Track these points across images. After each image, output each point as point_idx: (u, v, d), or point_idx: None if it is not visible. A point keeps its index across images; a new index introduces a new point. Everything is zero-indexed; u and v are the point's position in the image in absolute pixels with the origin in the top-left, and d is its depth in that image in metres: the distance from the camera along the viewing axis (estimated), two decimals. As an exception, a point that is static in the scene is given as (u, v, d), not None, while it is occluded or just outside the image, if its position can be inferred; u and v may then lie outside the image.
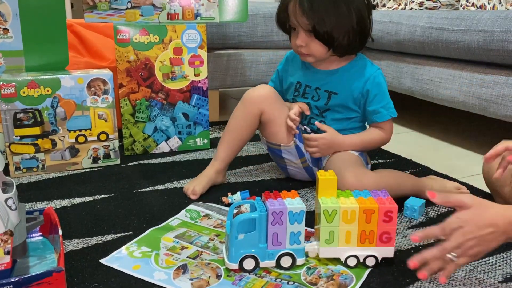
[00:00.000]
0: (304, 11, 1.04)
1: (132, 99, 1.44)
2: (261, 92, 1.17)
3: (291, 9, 1.07)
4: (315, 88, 1.17)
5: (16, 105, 1.24)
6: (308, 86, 1.18)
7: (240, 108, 1.18)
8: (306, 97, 1.19)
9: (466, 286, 0.80)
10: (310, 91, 1.18)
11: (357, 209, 0.81)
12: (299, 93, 1.20)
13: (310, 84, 1.18)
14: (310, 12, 1.03)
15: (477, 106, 1.52)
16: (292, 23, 1.09)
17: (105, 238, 0.94)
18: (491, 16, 1.44)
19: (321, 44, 1.08)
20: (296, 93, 1.20)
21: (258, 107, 1.16)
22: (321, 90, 1.17)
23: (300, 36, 1.08)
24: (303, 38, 1.08)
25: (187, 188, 1.15)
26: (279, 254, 0.82)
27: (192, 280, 0.79)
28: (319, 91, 1.17)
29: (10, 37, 1.33)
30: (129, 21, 1.41)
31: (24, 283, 0.69)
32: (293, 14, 1.07)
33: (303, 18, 1.05)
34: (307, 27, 1.06)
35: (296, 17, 1.06)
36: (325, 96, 1.17)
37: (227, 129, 1.20)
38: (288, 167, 1.22)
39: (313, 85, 1.18)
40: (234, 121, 1.19)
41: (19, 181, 1.25)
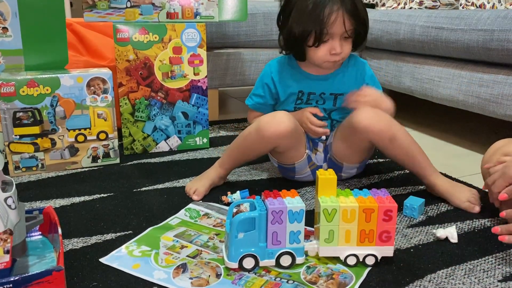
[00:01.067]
0: (351, 18, 1.05)
1: (131, 98, 1.44)
2: (280, 128, 1.09)
3: (332, 19, 1.04)
4: (319, 94, 1.17)
5: (15, 104, 1.24)
6: (312, 93, 1.18)
7: (254, 137, 1.12)
8: (310, 103, 1.19)
9: (466, 285, 0.80)
10: (314, 97, 1.18)
11: (356, 208, 0.81)
12: (303, 101, 1.19)
13: (313, 91, 1.17)
14: (356, 17, 1.06)
15: (476, 105, 1.52)
16: (332, 34, 1.06)
17: (104, 237, 0.94)
18: (490, 15, 1.44)
19: (350, 45, 1.10)
20: (299, 101, 1.19)
21: (275, 142, 1.12)
22: (326, 94, 1.17)
23: (339, 43, 1.08)
24: (341, 45, 1.08)
25: (190, 188, 1.15)
26: (278, 253, 0.82)
27: (191, 279, 0.79)
28: (324, 96, 1.18)
29: (10, 36, 1.33)
30: (129, 20, 1.41)
31: (24, 282, 0.69)
32: (340, 24, 1.05)
33: (350, 24, 1.06)
34: (349, 33, 1.07)
35: (345, 25, 1.05)
36: (330, 98, 1.18)
37: (237, 145, 1.16)
38: (296, 176, 1.23)
39: (317, 91, 1.17)
40: (245, 143, 1.15)
41: (19, 180, 1.25)
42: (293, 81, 1.19)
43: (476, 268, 0.85)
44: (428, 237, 0.96)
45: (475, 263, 0.86)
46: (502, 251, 0.90)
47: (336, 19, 1.04)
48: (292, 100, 1.20)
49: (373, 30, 1.96)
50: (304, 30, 1.06)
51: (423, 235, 0.96)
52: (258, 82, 1.24)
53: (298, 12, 1.07)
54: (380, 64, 1.96)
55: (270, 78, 1.20)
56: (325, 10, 1.04)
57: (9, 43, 1.33)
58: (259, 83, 1.23)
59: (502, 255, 0.89)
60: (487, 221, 1.03)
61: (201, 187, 1.13)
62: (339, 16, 1.04)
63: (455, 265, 0.85)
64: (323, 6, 1.04)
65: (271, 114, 1.13)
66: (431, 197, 1.13)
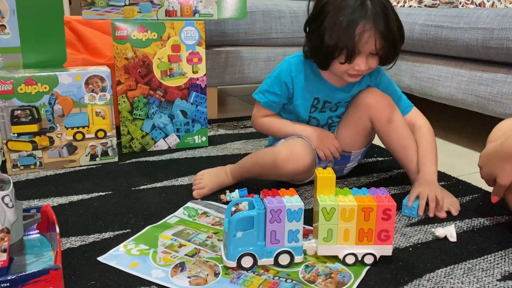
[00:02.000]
0: (382, 38, 1.01)
1: (130, 96, 1.44)
2: (299, 164, 1.07)
3: (365, 38, 1.00)
4: (336, 103, 1.17)
5: (13, 102, 1.23)
6: (328, 101, 1.17)
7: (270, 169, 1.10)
8: (323, 111, 1.18)
9: (465, 284, 0.80)
10: (329, 105, 1.18)
11: (355, 207, 0.81)
12: (317, 109, 1.18)
13: (330, 100, 1.16)
14: (387, 37, 1.02)
15: (475, 104, 1.52)
16: (362, 51, 1.03)
17: (102, 235, 0.94)
18: (490, 14, 1.43)
19: (377, 61, 1.07)
20: (313, 109, 1.18)
21: (291, 177, 1.14)
22: (341, 103, 1.18)
23: (365, 61, 1.04)
24: (367, 62, 1.05)
25: (200, 181, 1.14)
26: (277, 252, 0.82)
27: (190, 278, 0.79)
28: (339, 104, 1.18)
29: (7, 34, 1.33)
30: (127, 18, 1.40)
31: (21, 281, 0.68)
32: (367, 42, 1.01)
33: (380, 43, 1.02)
34: (382, 51, 1.04)
35: (375, 44, 1.01)
36: (344, 105, 1.19)
37: (252, 169, 1.14)
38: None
39: (333, 100, 1.17)
40: (260, 170, 1.12)
41: (16, 178, 1.24)
42: (312, 87, 1.15)
43: (475, 267, 0.85)
44: (427, 236, 0.96)
45: (474, 262, 0.86)
46: (501, 250, 0.90)
47: (368, 39, 1.01)
48: (306, 106, 1.17)
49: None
50: (335, 45, 1.02)
51: (422, 234, 0.96)
52: (274, 79, 1.17)
53: (331, 26, 1.02)
54: (379, 63, 1.96)
55: (290, 77, 1.14)
56: (358, 29, 1.00)
57: (7, 41, 1.33)
58: (275, 80, 1.16)
59: (501, 254, 0.89)
60: (486, 220, 1.03)
61: (209, 190, 1.13)
62: (371, 36, 1.01)
63: (454, 264, 0.85)
64: (356, 24, 1.00)
65: (289, 146, 1.09)
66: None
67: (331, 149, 1.16)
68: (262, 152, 1.16)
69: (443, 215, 1.03)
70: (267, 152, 1.13)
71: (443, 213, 1.04)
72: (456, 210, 1.06)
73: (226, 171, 1.18)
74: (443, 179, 1.26)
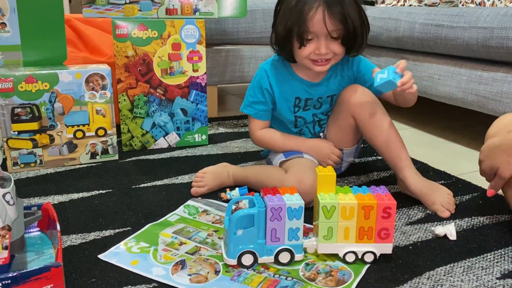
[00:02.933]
0: (335, 16, 0.99)
1: (130, 94, 1.44)
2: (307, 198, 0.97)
3: (318, 19, 0.99)
4: (317, 99, 1.16)
5: (13, 100, 1.23)
6: (309, 98, 1.15)
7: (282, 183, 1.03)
8: (307, 109, 1.17)
9: (464, 282, 0.80)
10: (311, 102, 1.16)
11: (355, 205, 0.81)
12: (300, 108, 1.16)
13: (310, 97, 1.15)
14: (341, 16, 0.99)
15: (475, 103, 1.52)
16: (313, 33, 1.01)
17: (103, 233, 0.94)
18: (490, 13, 1.43)
19: (341, 46, 1.04)
20: (297, 108, 1.16)
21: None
22: (323, 97, 1.16)
23: (324, 43, 1.02)
24: (327, 45, 1.02)
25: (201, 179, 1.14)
26: (277, 250, 0.82)
27: (190, 275, 0.79)
28: (321, 99, 1.16)
29: (8, 32, 1.33)
30: (128, 16, 1.40)
31: (22, 278, 0.68)
32: (320, 23, 0.99)
33: (334, 23, 1.00)
34: (334, 33, 1.01)
35: (326, 25, 0.99)
36: (327, 100, 1.17)
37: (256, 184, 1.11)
38: None
39: (314, 96, 1.15)
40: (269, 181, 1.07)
41: (17, 176, 1.24)
42: (289, 87, 1.14)
43: (475, 265, 0.85)
44: (427, 234, 0.96)
45: (473, 261, 0.86)
46: (500, 249, 0.90)
47: (314, 16, 0.99)
48: (289, 107, 1.16)
49: (373, 27, 1.96)
50: (286, 28, 1.02)
51: (422, 232, 0.97)
52: (254, 88, 1.16)
53: (283, 9, 1.04)
54: (379, 62, 1.96)
55: (268, 82, 1.14)
56: (307, 9, 0.99)
57: (7, 39, 1.33)
58: (256, 89, 1.16)
59: (501, 253, 0.89)
60: (485, 218, 1.03)
61: (208, 190, 1.13)
62: (319, 14, 0.99)
63: (454, 263, 0.85)
64: (305, 4, 1.00)
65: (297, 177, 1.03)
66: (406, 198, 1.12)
67: (332, 159, 1.16)
68: (269, 172, 1.13)
69: (447, 215, 1.04)
70: (274, 176, 1.09)
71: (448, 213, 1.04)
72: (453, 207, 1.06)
73: (229, 172, 1.17)
74: (443, 178, 1.26)
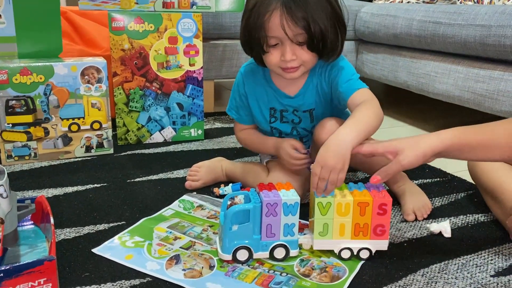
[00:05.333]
0: (295, 20, 0.88)
1: (126, 88, 1.43)
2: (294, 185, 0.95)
3: (275, 22, 0.89)
4: (292, 111, 1.05)
5: (8, 92, 1.22)
6: (284, 110, 1.06)
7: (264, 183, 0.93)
8: (285, 121, 1.07)
9: (459, 279, 0.80)
10: (287, 115, 1.06)
11: (351, 202, 0.81)
12: (277, 119, 1.07)
13: (285, 108, 1.05)
14: (302, 19, 0.88)
15: (472, 101, 1.52)
16: (276, 38, 0.92)
17: (97, 227, 0.94)
18: (488, 10, 1.43)
19: (309, 52, 0.93)
20: (273, 119, 1.08)
21: None
22: (299, 111, 1.05)
23: (289, 49, 0.92)
24: (293, 51, 0.92)
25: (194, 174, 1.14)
26: (272, 246, 0.82)
27: (184, 270, 0.79)
28: (297, 113, 1.06)
29: (3, 23, 1.31)
30: (124, 9, 1.39)
31: (15, 272, 0.68)
32: (278, 27, 0.89)
33: (295, 27, 0.89)
34: (299, 38, 0.91)
35: (285, 29, 0.89)
36: (306, 116, 1.05)
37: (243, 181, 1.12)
38: None
39: (289, 109, 1.05)
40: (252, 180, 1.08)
41: (11, 169, 1.23)
42: (264, 95, 1.06)
43: (469, 263, 0.85)
44: (421, 231, 0.96)
45: (468, 258, 0.86)
46: (495, 246, 0.91)
47: (270, 19, 0.89)
48: (264, 116, 1.08)
49: (370, 24, 1.95)
50: (247, 31, 0.95)
51: (417, 230, 0.97)
52: (235, 92, 1.11)
53: (244, 10, 0.97)
54: (376, 58, 1.96)
55: (243, 87, 1.09)
56: (261, 9, 0.90)
57: (2, 30, 1.31)
58: (236, 94, 1.11)
59: (495, 251, 0.89)
60: (480, 216, 1.03)
61: (202, 184, 1.13)
62: (275, 17, 0.89)
63: (448, 260, 0.86)
64: (261, 3, 0.90)
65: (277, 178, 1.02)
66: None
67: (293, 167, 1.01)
68: (254, 171, 1.11)
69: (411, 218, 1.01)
70: (258, 176, 1.08)
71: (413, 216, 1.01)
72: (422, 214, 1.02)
73: (222, 167, 1.17)
74: (439, 176, 1.27)
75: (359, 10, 2.07)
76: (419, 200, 1.04)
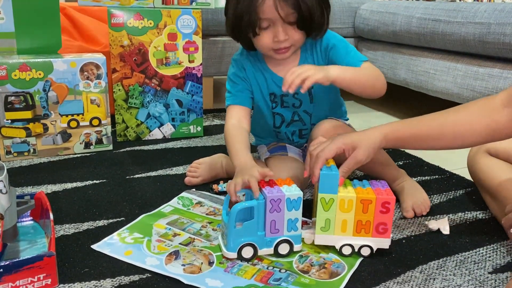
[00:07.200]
0: (286, 0, 0.91)
1: (125, 84, 1.43)
2: None
3: (268, 4, 0.92)
4: (293, 95, 1.05)
5: (7, 88, 1.22)
6: (285, 95, 1.07)
7: None
8: (286, 106, 1.08)
9: (457, 276, 0.80)
10: (288, 99, 1.07)
11: (354, 198, 0.81)
12: (277, 104, 1.09)
13: (286, 93, 0.99)
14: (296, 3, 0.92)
15: (471, 99, 1.52)
16: (268, 20, 0.95)
17: (96, 223, 0.94)
18: (487, 8, 1.43)
19: (299, 31, 0.97)
20: (274, 104, 1.09)
21: None
22: (299, 93, 1.05)
23: (282, 29, 0.95)
24: (285, 31, 0.96)
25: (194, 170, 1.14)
26: (277, 241, 0.82)
27: (184, 266, 0.79)
28: (297, 95, 1.07)
29: (2, 19, 1.31)
30: (123, 5, 1.39)
31: (14, 267, 0.68)
32: (272, 8, 0.92)
33: (287, 8, 0.92)
34: (290, 18, 0.94)
35: (278, 10, 0.92)
36: (305, 97, 1.07)
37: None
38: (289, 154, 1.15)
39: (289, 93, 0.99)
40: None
41: (10, 165, 1.23)
42: (263, 81, 1.07)
43: (467, 259, 0.85)
44: (420, 228, 0.96)
45: (466, 255, 0.87)
46: (493, 244, 0.91)
47: (264, 1, 0.92)
48: (265, 100, 1.09)
49: (370, 21, 1.95)
50: (236, 15, 0.96)
51: (415, 227, 0.97)
52: (234, 78, 1.09)
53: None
54: (375, 56, 1.96)
55: (243, 71, 1.08)
56: None
57: (1, 26, 1.31)
58: (234, 78, 1.09)
59: (493, 248, 0.90)
60: (479, 213, 1.04)
61: (202, 181, 1.13)
62: (276, 1, 0.92)
63: (446, 257, 0.86)
64: None
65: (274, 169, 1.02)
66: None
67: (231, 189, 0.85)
68: None
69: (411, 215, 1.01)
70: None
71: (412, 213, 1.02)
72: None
73: (222, 163, 1.17)
74: (437, 173, 1.27)
75: (358, 8, 2.07)
76: (418, 197, 1.04)
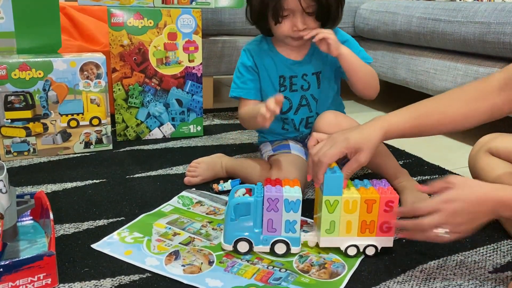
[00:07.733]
0: None
1: (125, 84, 1.43)
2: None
3: None
4: (302, 76, 1.12)
5: (7, 88, 1.22)
6: (294, 76, 1.12)
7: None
8: (294, 89, 1.12)
9: (457, 275, 0.80)
10: (297, 80, 1.12)
11: (358, 199, 0.81)
12: (286, 87, 1.12)
13: (295, 74, 1.12)
14: None
15: (471, 98, 1.52)
16: (289, 10, 1.01)
17: (96, 223, 0.94)
18: (487, 8, 1.43)
19: (316, 21, 1.04)
20: (283, 88, 1.12)
21: None
22: (308, 75, 1.12)
23: (301, 19, 1.02)
24: (303, 21, 1.02)
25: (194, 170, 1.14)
26: (273, 241, 0.82)
27: (184, 266, 0.79)
28: (306, 77, 1.12)
29: (1, 18, 1.31)
30: (123, 4, 1.39)
31: (14, 267, 0.68)
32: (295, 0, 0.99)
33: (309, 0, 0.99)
34: (309, 9, 1.01)
35: (301, 1, 0.99)
36: (313, 80, 1.12)
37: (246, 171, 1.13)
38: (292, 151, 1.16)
39: (298, 73, 1.12)
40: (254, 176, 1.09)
41: (10, 164, 1.23)
42: (272, 65, 1.12)
43: (467, 259, 0.85)
44: (420, 228, 0.96)
45: (466, 255, 0.87)
46: (493, 243, 0.91)
47: None
48: (274, 86, 1.12)
49: (370, 20, 1.95)
50: (262, 5, 1.03)
51: (416, 226, 0.97)
52: (241, 69, 1.14)
53: None
54: (375, 55, 1.96)
55: (251, 60, 1.13)
56: None
57: (1, 25, 1.31)
58: (242, 69, 1.14)
59: (493, 247, 0.90)
60: (479, 213, 1.04)
61: (201, 181, 1.13)
62: None
63: (447, 256, 0.86)
64: None
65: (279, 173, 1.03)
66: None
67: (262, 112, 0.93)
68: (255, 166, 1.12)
69: None
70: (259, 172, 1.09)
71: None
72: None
73: (222, 163, 1.17)
74: (437, 173, 1.27)
75: (358, 7, 2.06)
76: (419, 196, 1.04)
